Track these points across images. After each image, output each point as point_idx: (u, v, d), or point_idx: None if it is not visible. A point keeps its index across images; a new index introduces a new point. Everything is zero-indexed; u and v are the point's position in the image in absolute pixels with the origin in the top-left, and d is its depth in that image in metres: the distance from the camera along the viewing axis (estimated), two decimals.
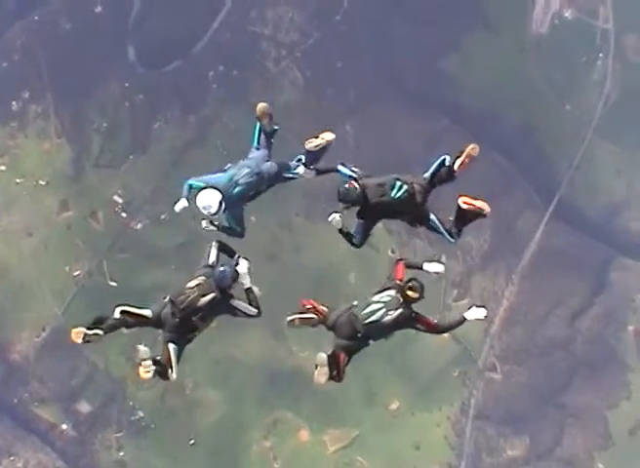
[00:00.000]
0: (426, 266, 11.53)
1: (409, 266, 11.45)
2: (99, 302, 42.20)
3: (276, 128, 12.41)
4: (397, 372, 41.03)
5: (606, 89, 45.50)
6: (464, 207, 11.55)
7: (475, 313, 10.90)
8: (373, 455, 42.42)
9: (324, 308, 11.19)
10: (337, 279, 42.69)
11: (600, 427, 43.74)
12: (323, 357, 10.62)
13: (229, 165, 11.71)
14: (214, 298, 10.59)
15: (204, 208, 11.03)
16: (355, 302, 11.00)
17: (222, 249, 11.49)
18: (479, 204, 11.59)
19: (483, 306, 10.99)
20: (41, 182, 44.18)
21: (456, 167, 11.67)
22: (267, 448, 42.33)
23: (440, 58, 45.28)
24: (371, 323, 10.55)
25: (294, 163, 12.03)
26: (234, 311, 10.93)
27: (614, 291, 44.59)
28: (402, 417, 42.55)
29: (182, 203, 11.62)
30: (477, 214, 11.70)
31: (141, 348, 10.83)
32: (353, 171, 11.56)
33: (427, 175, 11.70)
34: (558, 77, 45.34)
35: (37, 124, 44.99)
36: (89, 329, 10.78)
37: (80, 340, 10.75)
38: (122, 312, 11.02)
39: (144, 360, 10.71)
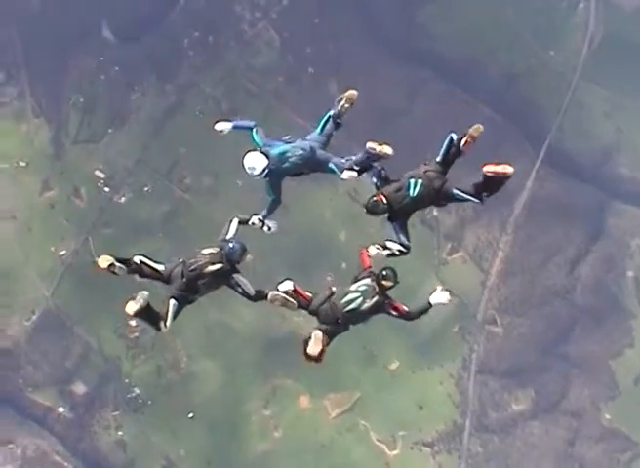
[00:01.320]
0: (389, 244, 11.60)
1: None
2: (87, 281, 40.34)
3: (341, 123, 12.51)
4: (395, 332, 38.78)
5: (589, 32, 43.29)
6: (490, 175, 11.58)
7: (439, 297, 11.20)
8: (375, 418, 40.32)
9: (309, 294, 11.49)
10: (328, 238, 40.62)
11: (605, 377, 41.58)
12: (319, 335, 11.24)
13: (289, 136, 12.01)
14: (220, 269, 11.17)
15: (249, 167, 11.38)
16: (334, 289, 11.39)
17: (244, 223, 11.97)
18: (501, 168, 11.53)
19: (447, 290, 11.24)
20: (21, 164, 42.11)
21: (462, 146, 11.78)
22: (267, 417, 40.25)
23: (418, 8, 43.06)
24: (350, 311, 11.15)
25: (342, 160, 11.96)
26: (235, 285, 11.47)
27: (610, 236, 42.40)
28: (403, 377, 40.37)
29: (226, 126, 11.99)
30: (503, 178, 11.62)
31: (144, 292, 11.27)
32: (381, 177, 11.98)
33: (439, 158, 11.94)
34: (540, 22, 43.17)
35: (14, 105, 42.91)
36: (117, 261, 11.22)
37: (105, 266, 11.13)
38: (140, 262, 11.48)
39: (138, 299, 11.15)
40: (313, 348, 11.26)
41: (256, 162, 11.39)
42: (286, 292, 11.42)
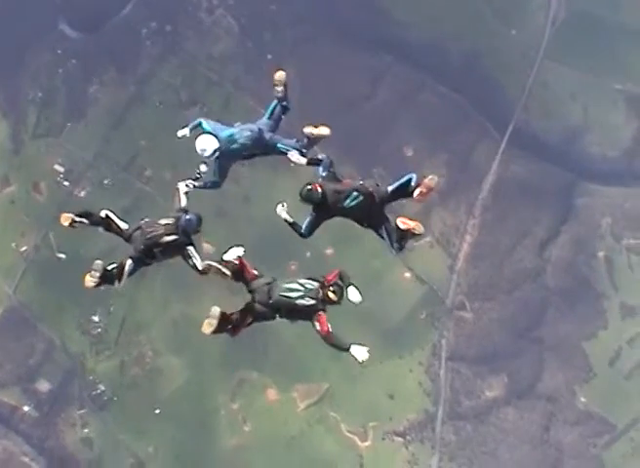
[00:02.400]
0: (350, 292, 10.94)
1: (342, 278, 10.93)
2: (49, 276, 38.71)
3: (287, 106, 12.39)
4: (361, 319, 36.56)
5: (552, 10, 41.49)
6: (402, 227, 11.05)
7: (358, 352, 10.78)
8: (345, 409, 38.38)
9: (255, 272, 11.32)
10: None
11: (579, 360, 39.67)
12: (217, 311, 10.79)
13: (238, 123, 12.03)
14: (175, 240, 11.08)
15: (200, 149, 11.46)
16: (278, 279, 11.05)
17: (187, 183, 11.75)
18: (413, 224, 10.99)
19: (366, 347, 10.82)
20: None
21: (415, 195, 11.25)
22: (236, 411, 38.34)
23: None
24: (285, 297, 10.75)
25: (292, 142, 11.98)
26: (187, 257, 11.22)
27: (579, 217, 40.52)
28: (372, 366, 37.99)
29: (185, 131, 12.07)
30: (414, 234, 11.05)
31: (98, 262, 11.02)
32: (329, 171, 11.72)
33: (391, 188, 11.50)
34: (500, 2, 41.26)
35: None
36: (77, 216, 11.13)
37: (67, 224, 11.10)
38: (106, 216, 11.35)
39: (95, 270, 10.89)
40: (204, 327, 10.68)
41: (207, 144, 11.47)
42: (228, 261, 11.11)
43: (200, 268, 11.15)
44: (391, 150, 39.72)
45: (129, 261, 11.18)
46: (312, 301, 10.73)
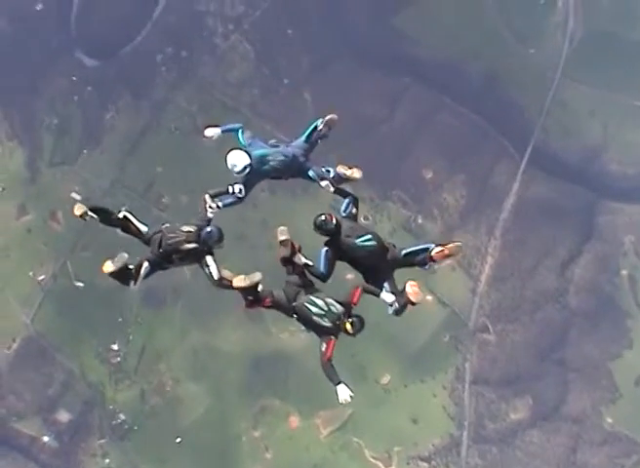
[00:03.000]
0: (383, 296, 10.76)
1: (367, 291, 10.74)
2: (67, 305, 37.81)
3: (326, 135, 11.81)
4: (384, 344, 35.75)
5: (569, 29, 40.39)
6: (409, 291, 10.55)
7: (342, 391, 10.95)
8: (369, 434, 37.17)
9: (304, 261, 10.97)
10: (311, 253, 37.38)
11: (605, 380, 38.36)
12: (124, 256, 10.79)
13: (274, 141, 11.72)
14: (194, 248, 10.83)
15: (231, 164, 11.19)
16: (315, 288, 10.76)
17: (213, 194, 11.42)
18: (415, 293, 10.54)
19: (350, 391, 10.88)
20: None
21: (433, 253, 10.69)
22: (257, 439, 37.17)
23: (393, 13, 40.20)
24: (306, 308, 10.61)
25: (322, 169, 11.56)
26: (204, 266, 10.91)
27: (601, 235, 39.30)
28: (395, 391, 37.23)
29: (216, 131, 11.94)
30: (411, 302, 10.61)
31: (124, 254, 10.89)
32: (351, 212, 11.31)
33: (405, 251, 11.03)
34: (518, 21, 40.29)
35: None
36: (92, 210, 11.06)
37: (78, 213, 11.06)
38: (125, 217, 11.14)
39: (117, 261, 10.79)
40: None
41: (238, 159, 11.18)
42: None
43: (215, 278, 10.84)
44: (410, 172, 38.76)
45: (145, 264, 10.97)
46: (329, 324, 10.56)
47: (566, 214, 39.10)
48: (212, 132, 11.90)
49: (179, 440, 36.94)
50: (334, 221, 10.62)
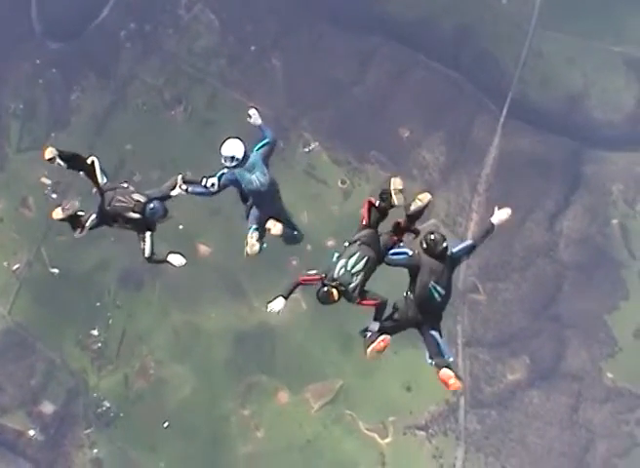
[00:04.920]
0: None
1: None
2: (44, 293, 34.63)
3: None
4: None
5: None
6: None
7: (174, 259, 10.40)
8: (362, 406, 33.80)
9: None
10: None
11: (602, 334, 34.99)
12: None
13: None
14: (137, 219, 10.24)
15: (229, 154, 10.14)
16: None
17: (187, 180, 10.64)
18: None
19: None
20: None
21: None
22: (247, 417, 33.83)
23: None
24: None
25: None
26: (140, 239, 10.42)
27: (588, 185, 35.94)
28: (386, 358, 33.39)
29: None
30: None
31: (75, 203, 10.54)
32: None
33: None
34: None
35: None
36: (60, 157, 10.43)
37: (48, 157, 10.40)
38: (92, 163, 10.57)
39: (67, 209, 10.35)
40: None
41: (236, 149, 10.19)
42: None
43: (146, 255, 10.41)
44: (387, 132, 35.47)
45: (93, 216, 10.53)
46: (338, 275, 9.28)
47: (550, 166, 35.80)
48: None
49: (166, 424, 33.74)
50: (445, 244, 8.89)
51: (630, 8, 36.51)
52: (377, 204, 9.78)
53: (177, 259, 10.50)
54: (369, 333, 9.61)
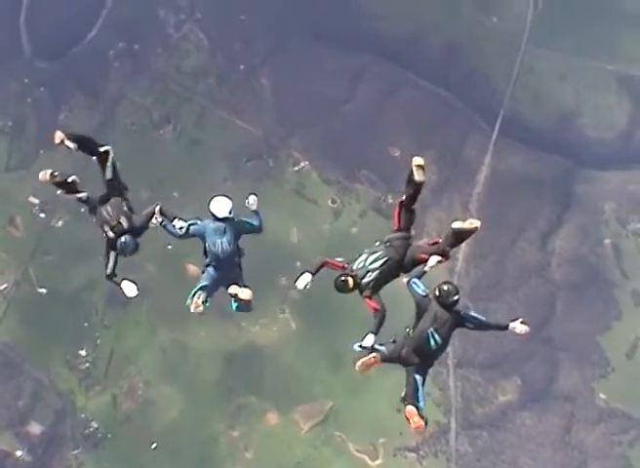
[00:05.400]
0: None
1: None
2: (32, 313, 34.00)
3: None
4: (362, 328, 31.40)
5: None
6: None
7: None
8: (352, 427, 33.08)
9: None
10: (279, 242, 33.48)
11: (595, 355, 34.28)
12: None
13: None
14: (109, 239, 10.06)
15: (216, 209, 9.66)
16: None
17: (163, 212, 10.19)
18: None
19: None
20: None
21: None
22: (236, 438, 33.10)
23: None
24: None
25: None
26: (106, 255, 10.20)
27: (581, 204, 35.32)
28: (376, 379, 32.74)
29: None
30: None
31: (74, 177, 10.50)
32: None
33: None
34: None
35: None
36: (71, 139, 10.08)
37: (56, 141, 9.96)
38: (105, 152, 10.44)
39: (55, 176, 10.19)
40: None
41: (222, 206, 9.72)
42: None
43: (107, 273, 10.16)
44: (377, 151, 34.91)
45: (85, 194, 10.48)
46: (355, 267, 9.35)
47: (543, 185, 35.21)
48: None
49: (154, 445, 32.94)
50: (456, 297, 8.94)
51: (622, 25, 36.06)
52: (404, 199, 9.58)
53: (129, 289, 10.13)
54: (361, 351, 9.48)
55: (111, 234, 9.99)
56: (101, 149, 10.38)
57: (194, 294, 9.87)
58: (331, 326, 32.09)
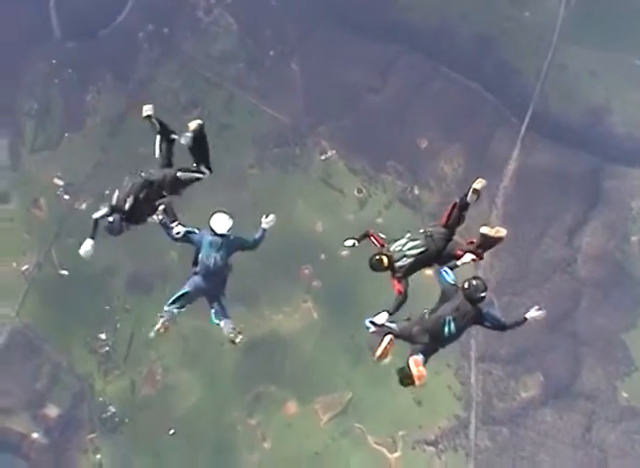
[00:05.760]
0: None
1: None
2: (53, 295, 33.49)
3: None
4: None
5: None
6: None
7: None
8: (371, 419, 32.53)
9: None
10: (303, 229, 32.99)
11: (619, 352, 33.68)
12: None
13: None
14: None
15: (217, 226, 9.67)
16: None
17: (167, 211, 9.81)
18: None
19: None
20: None
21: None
22: (254, 427, 32.62)
23: None
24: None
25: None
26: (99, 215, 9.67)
27: (608, 201, 34.66)
28: (396, 370, 32.32)
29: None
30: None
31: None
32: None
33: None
34: None
35: None
36: (157, 122, 10.54)
37: (144, 114, 10.43)
38: (173, 140, 10.42)
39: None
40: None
41: (224, 224, 9.69)
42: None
43: (94, 216, 9.66)
44: (405, 142, 34.34)
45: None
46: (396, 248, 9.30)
47: (570, 180, 34.54)
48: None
49: (172, 431, 32.48)
50: (483, 294, 8.89)
51: None
52: (459, 202, 9.82)
53: (85, 246, 9.71)
54: (372, 328, 9.21)
55: (104, 210, 9.64)
56: (172, 136, 10.34)
57: (163, 316, 9.77)
58: (352, 317, 31.41)
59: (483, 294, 8.94)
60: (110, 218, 9.49)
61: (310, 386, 32.34)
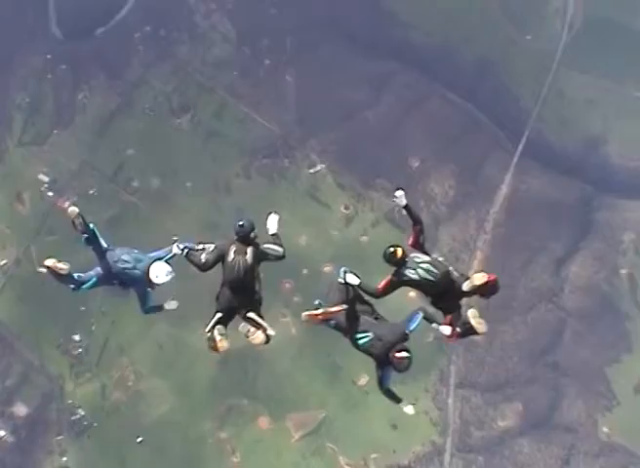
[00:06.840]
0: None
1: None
2: (29, 292, 32.05)
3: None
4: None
5: (569, 15, 34.94)
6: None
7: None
8: (344, 439, 31.08)
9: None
10: (287, 244, 31.23)
11: (601, 386, 32.26)
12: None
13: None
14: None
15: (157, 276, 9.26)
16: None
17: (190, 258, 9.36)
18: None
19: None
20: None
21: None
22: (224, 440, 31.17)
23: None
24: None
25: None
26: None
27: (599, 232, 33.37)
28: (373, 393, 30.66)
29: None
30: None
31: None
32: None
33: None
34: (516, 6, 34.74)
35: None
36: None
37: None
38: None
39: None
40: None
41: (161, 272, 9.19)
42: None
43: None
44: (396, 160, 33.05)
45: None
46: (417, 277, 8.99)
47: (562, 209, 33.31)
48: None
49: (140, 439, 31.00)
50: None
51: None
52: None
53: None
54: (341, 278, 9.32)
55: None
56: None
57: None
58: (330, 335, 29.88)
59: (402, 370, 9.01)
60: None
61: (284, 402, 30.96)
